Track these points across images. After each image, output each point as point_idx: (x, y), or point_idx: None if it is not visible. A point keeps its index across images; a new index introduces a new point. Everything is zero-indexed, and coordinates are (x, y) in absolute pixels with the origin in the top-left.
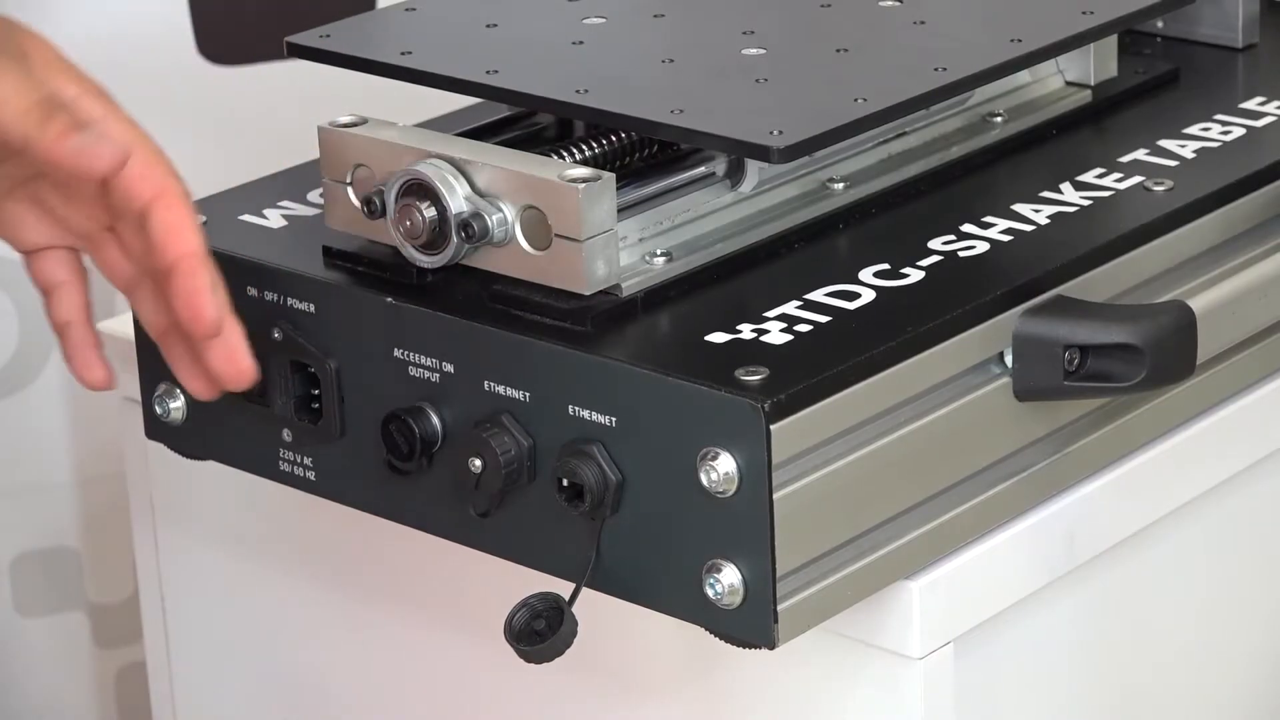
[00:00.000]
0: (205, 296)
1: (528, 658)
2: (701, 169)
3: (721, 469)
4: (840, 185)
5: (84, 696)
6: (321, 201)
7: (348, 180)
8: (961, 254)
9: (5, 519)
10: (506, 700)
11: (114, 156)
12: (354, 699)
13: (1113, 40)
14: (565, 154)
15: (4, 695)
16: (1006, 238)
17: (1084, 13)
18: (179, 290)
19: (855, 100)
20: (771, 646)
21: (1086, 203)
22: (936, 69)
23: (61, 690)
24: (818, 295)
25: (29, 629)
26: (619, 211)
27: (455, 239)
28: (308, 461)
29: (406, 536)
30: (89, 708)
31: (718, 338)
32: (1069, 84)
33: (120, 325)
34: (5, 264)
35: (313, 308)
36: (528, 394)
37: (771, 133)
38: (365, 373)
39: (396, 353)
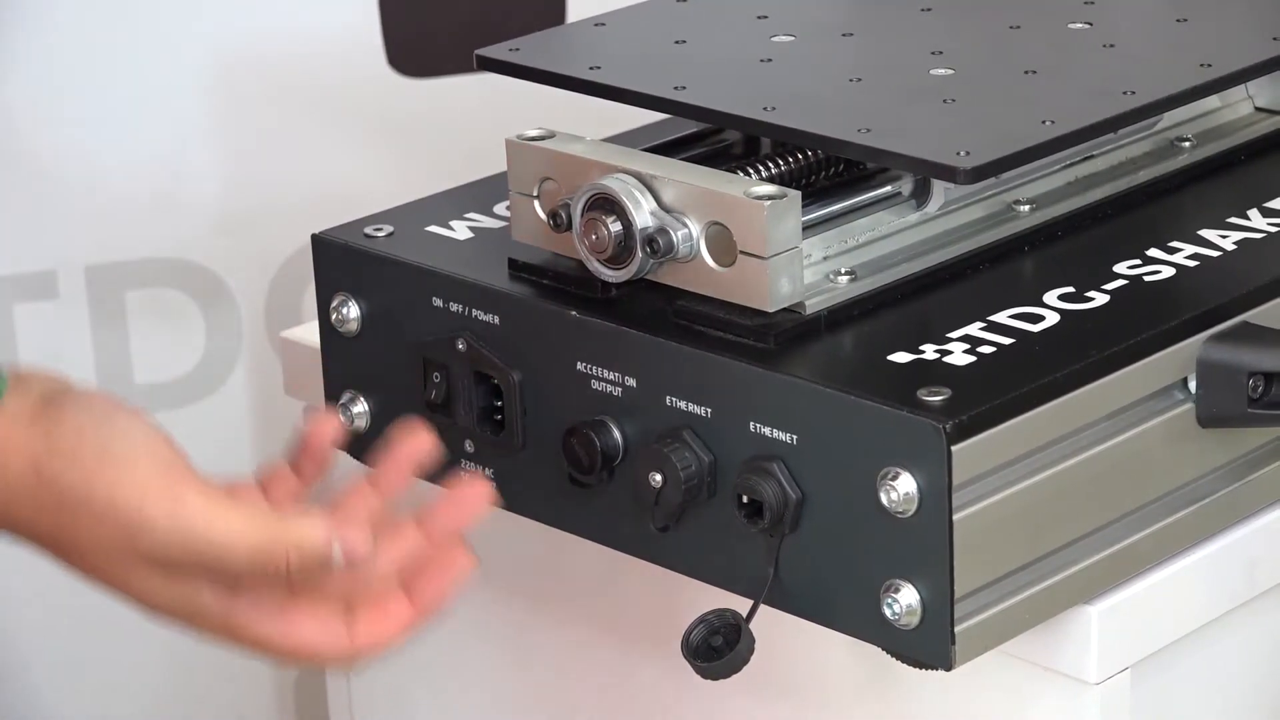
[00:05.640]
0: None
1: (704, 674)
2: (887, 188)
3: (902, 489)
4: (1026, 207)
5: (263, 704)
6: (507, 214)
7: (534, 193)
8: (1147, 279)
9: None
10: (680, 716)
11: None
12: (527, 710)
13: None
14: (751, 171)
15: (185, 699)
16: (1192, 263)
17: (1275, 38)
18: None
19: (1043, 122)
20: (948, 668)
21: (1274, 229)
22: (1125, 92)
23: (240, 698)
24: (1001, 317)
25: None
26: (804, 229)
27: (640, 254)
28: (489, 472)
29: (585, 549)
30: (268, 713)
31: (900, 357)
32: (1258, 109)
33: (305, 333)
34: (192, 269)
35: (497, 320)
36: (709, 410)
37: (958, 153)
38: (548, 385)
39: (579, 366)
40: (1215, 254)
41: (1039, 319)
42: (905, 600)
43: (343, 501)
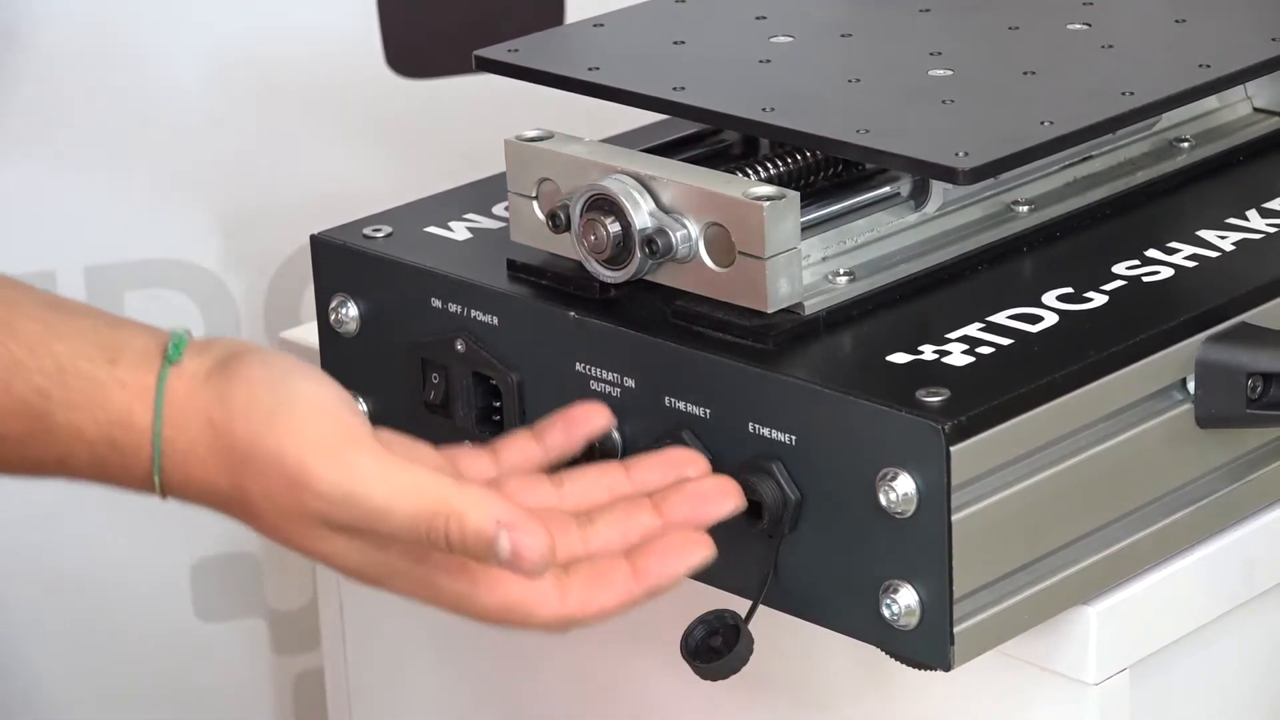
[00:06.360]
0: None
1: (704, 674)
2: (886, 189)
3: (901, 489)
4: (1025, 208)
5: (262, 702)
6: (506, 215)
7: (533, 194)
8: (1145, 279)
9: (186, 525)
10: (679, 716)
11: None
12: (527, 710)
13: None
14: (750, 172)
15: (183, 699)
16: (1191, 264)
17: (1274, 39)
18: None
19: (1042, 123)
20: (947, 668)
21: (1273, 230)
22: (1124, 93)
23: (240, 695)
24: (1000, 317)
25: (209, 634)
26: (803, 230)
27: (639, 254)
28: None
29: None
30: (267, 713)
31: (899, 358)
32: (1257, 110)
33: (304, 333)
34: (185, 267)
35: (496, 320)
36: (708, 410)
37: (957, 154)
38: (547, 386)
39: (578, 367)
40: (1214, 254)
41: (1038, 319)
42: (904, 601)
43: (500, 449)
